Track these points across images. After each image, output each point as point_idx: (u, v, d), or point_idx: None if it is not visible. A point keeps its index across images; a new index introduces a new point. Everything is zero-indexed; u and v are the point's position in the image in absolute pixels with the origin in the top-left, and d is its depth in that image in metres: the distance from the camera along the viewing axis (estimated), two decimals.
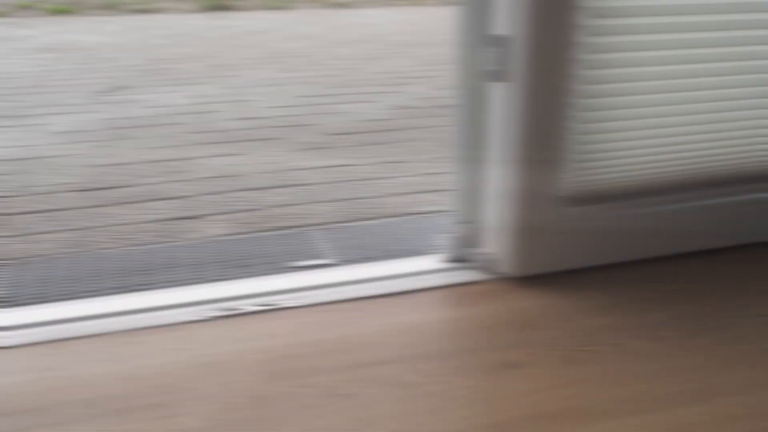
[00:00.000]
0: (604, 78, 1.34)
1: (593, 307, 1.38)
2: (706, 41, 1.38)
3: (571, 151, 1.38)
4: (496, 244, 1.46)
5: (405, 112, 3.10)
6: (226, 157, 2.44)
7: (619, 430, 1.04)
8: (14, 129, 2.79)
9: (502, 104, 1.33)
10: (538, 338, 1.27)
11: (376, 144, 2.60)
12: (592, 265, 1.51)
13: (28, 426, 1.05)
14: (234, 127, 2.84)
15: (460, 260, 1.52)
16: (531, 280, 1.45)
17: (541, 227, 1.42)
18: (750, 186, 1.55)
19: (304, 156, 2.45)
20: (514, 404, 1.09)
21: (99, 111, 3.09)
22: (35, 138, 2.67)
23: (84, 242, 1.75)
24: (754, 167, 1.55)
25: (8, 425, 1.05)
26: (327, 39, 5.41)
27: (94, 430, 1.04)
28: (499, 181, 1.40)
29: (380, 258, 1.59)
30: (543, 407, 1.09)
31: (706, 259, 1.56)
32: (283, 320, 1.33)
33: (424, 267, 1.54)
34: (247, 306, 1.38)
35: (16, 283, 1.49)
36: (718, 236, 1.58)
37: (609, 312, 1.36)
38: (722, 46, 1.39)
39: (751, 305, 1.39)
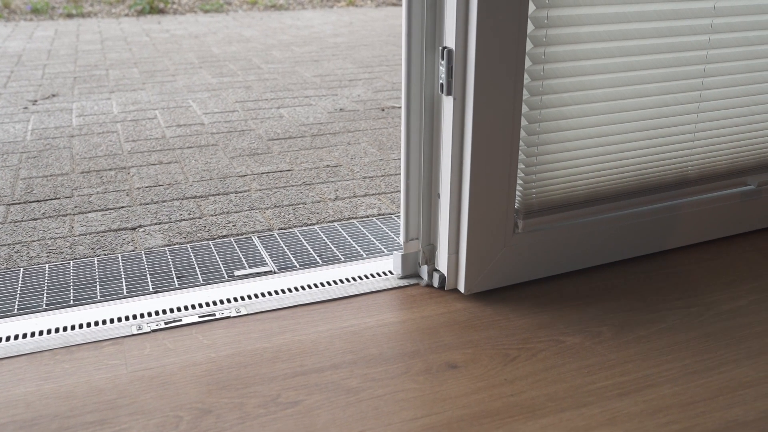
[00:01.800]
0: (548, 89, 1.35)
1: (531, 305, 1.42)
2: (646, 48, 1.39)
3: (519, 163, 1.38)
4: (445, 260, 1.44)
5: (343, 115, 3.11)
6: (162, 165, 2.40)
7: (556, 424, 1.07)
8: None
9: (451, 117, 1.31)
10: (478, 339, 1.30)
11: (315, 148, 2.60)
12: (538, 278, 1.52)
13: None
14: (170, 134, 2.80)
15: (409, 276, 1.52)
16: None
17: (490, 243, 1.41)
18: (681, 191, 1.61)
19: (242, 162, 2.43)
20: (457, 404, 1.12)
21: (28, 120, 3.01)
22: None
23: (15, 258, 1.70)
24: (692, 173, 1.62)
25: None
26: (263, 42, 5.38)
27: None
28: (447, 197, 1.39)
29: (321, 264, 1.60)
30: (484, 406, 1.11)
31: (643, 261, 1.61)
32: (223, 330, 1.33)
33: (365, 272, 1.55)
34: (187, 317, 1.37)
35: None
36: (656, 241, 1.63)
37: (546, 310, 1.40)
38: (660, 52, 1.42)
39: (682, 298, 1.45)
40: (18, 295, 1.47)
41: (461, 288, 1.44)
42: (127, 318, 1.37)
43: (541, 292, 1.48)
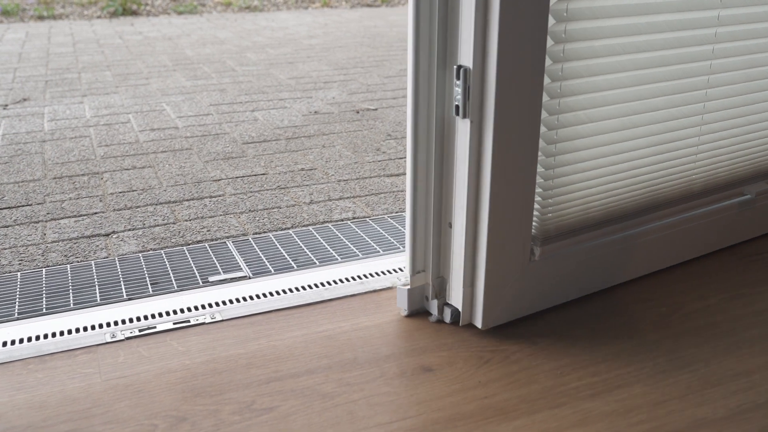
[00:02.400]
0: (565, 107, 1.25)
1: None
2: (655, 60, 1.33)
3: (536, 187, 1.28)
4: (459, 294, 1.33)
5: (318, 118, 3.11)
6: (136, 170, 2.39)
7: (529, 426, 1.08)
8: None
9: (467, 142, 1.20)
10: (453, 342, 1.31)
11: (290, 151, 2.60)
12: (554, 305, 1.43)
13: None
14: (143, 138, 2.78)
15: (417, 313, 1.41)
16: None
17: (508, 273, 1.30)
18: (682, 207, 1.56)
19: (217, 166, 2.42)
20: (432, 407, 1.13)
21: None
22: None
23: None
24: (699, 185, 1.57)
25: None
26: (237, 44, 5.36)
27: None
28: (462, 226, 1.27)
29: (296, 269, 1.60)
30: (459, 409, 1.12)
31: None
32: (198, 337, 1.32)
33: (340, 276, 1.56)
34: (162, 324, 1.36)
35: None
36: (660, 259, 1.58)
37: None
38: (668, 64, 1.35)
39: (654, 299, 1.47)
40: None
41: (478, 323, 1.33)
42: (100, 326, 1.36)
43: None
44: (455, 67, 1.16)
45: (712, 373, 1.22)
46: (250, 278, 1.56)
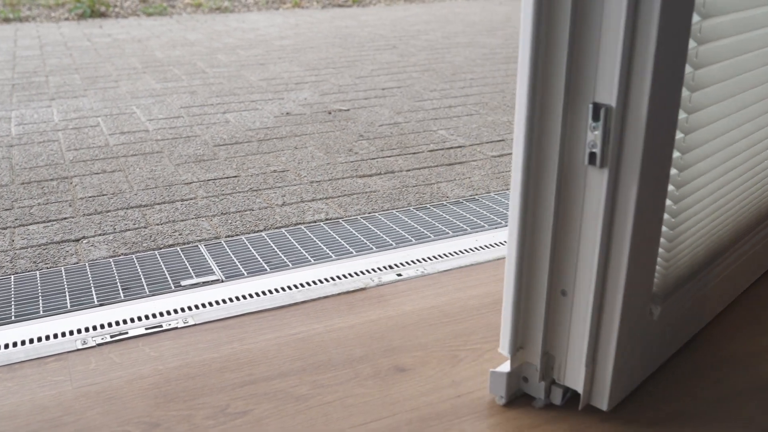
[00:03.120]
0: (692, 143, 1.06)
1: (477, 306, 1.44)
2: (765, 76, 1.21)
3: (660, 239, 1.08)
4: (579, 373, 1.09)
5: (290, 119, 3.10)
6: (106, 174, 2.37)
7: (503, 424, 1.09)
8: None
9: (603, 195, 0.96)
10: (427, 342, 1.31)
11: (262, 153, 2.59)
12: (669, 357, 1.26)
13: None
14: (113, 142, 2.76)
15: (516, 396, 1.16)
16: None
17: (633, 341, 1.10)
18: None
19: (188, 169, 2.41)
20: (406, 407, 1.13)
21: None
22: None
23: None
24: None
25: None
26: (208, 45, 5.33)
27: None
28: (586, 294, 1.04)
29: (268, 271, 1.60)
30: (433, 408, 1.13)
31: None
32: (171, 341, 1.32)
33: (312, 277, 1.56)
34: (134, 329, 1.35)
35: None
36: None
37: (490, 308, 1.42)
38: None
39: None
40: None
41: (603, 405, 1.10)
42: (71, 332, 1.35)
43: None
44: (591, 105, 0.92)
45: None
46: (222, 281, 1.55)
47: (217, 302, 1.46)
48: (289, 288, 1.51)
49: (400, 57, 4.79)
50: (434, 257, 1.66)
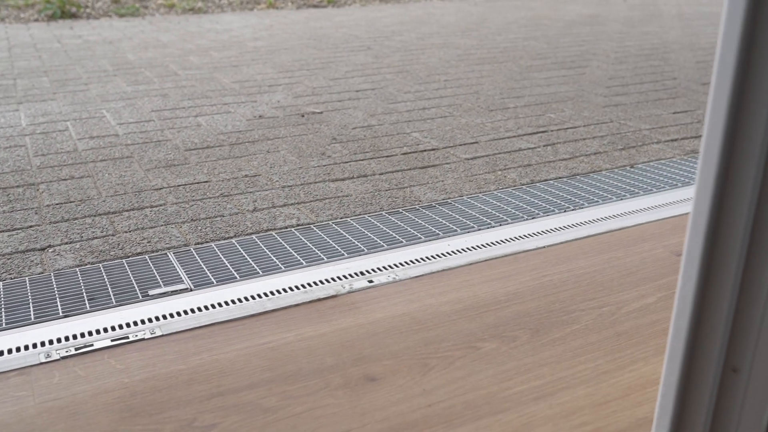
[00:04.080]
0: None
1: (448, 312, 1.43)
2: None
3: None
4: None
5: (263, 122, 3.07)
6: (74, 180, 2.33)
7: None
8: None
9: None
10: (397, 350, 1.30)
11: (233, 157, 2.56)
12: None
13: None
14: (82, 147, 2.71)
15: None
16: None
17: None
18: None
19: (158, 174, 2.37)
20: (376, 418, 1.12)
21: None
22: None
23: None
24: None
25: None
26: (181, 47, 5.27)
27: None
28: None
29: (238, 279, 1.58)
30: (403, 418, 1.12)
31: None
32: (137, 353, 1.29)
33: (284, 285, 1.54)
34: (99, 341, 1.33)
35: None
36: None
37: (461, 314, 1.42)
38: None
39: (596, 298, 1.49)
40: None
41: None
42: (35, 345, 1.32)
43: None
44: None
45: (652, 372, 1.23)
46: (191, 290, 1.53)
47: (186, 312, 1.43)
48: (260, 296, 1.49)
49: (374, 58, 4.77)
50: (406, 263, 1.64)
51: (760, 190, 0.80)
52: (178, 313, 1.43)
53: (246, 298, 1.48)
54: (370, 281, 1.55)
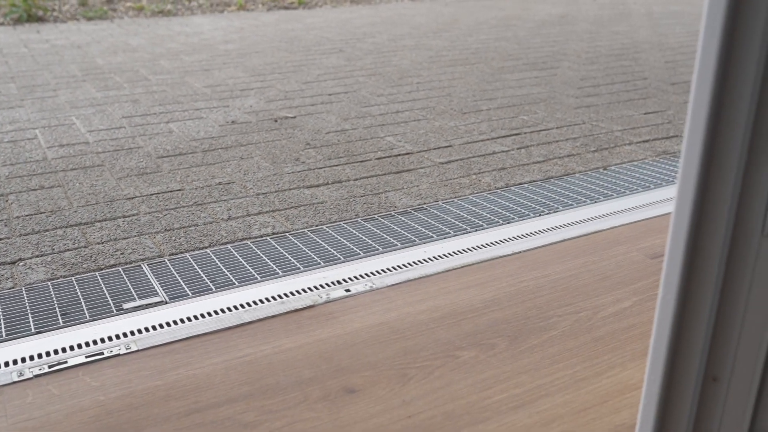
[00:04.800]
0: None
1: (426, 320, 1.43)
2: None
3: None
4: None
5: (235, 128, 3.05)
6: (44, 190, 2.29)
7: None
8: None
9: None
10: (375, 359, 1.30)
11: (207, 164, 2.54)
12: None
13: None
14: (51, 155, 2.67)
15: None
16: None
17: None
18: None
19: (131, 183, 2.35)
20: (357, 430, 1.11)
21: None
22: None
23: None
24: None
25: None
26: (151, 51, 5.22)
27: None
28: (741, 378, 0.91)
29: (214, 290, 1.56)
30: (383, 430, 1.11)
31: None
32: (113, 369, 1.27)
33: (260, 296, 1.53)
34: (73, 358, 1.31)
35: None
36: None
37: (439, 323, 1.42)
38: None
39: (572, 303, 1.50)
40: None
41: None
42: (6, 364, 1.29)
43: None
44: None
45: (630, 377, 1.24)
46: (167, 303, 1.51)
47: (161, 325, 1.41)
48: (236, 308, 1.48)
49: (346, 61, 4.76)
50: (383, 270, 1.64)
51: (740, 199, 0.80)
52: (154, 327, 1.41)
53: (222, 310, 1.47)
54: (347, 290, 1.55)
